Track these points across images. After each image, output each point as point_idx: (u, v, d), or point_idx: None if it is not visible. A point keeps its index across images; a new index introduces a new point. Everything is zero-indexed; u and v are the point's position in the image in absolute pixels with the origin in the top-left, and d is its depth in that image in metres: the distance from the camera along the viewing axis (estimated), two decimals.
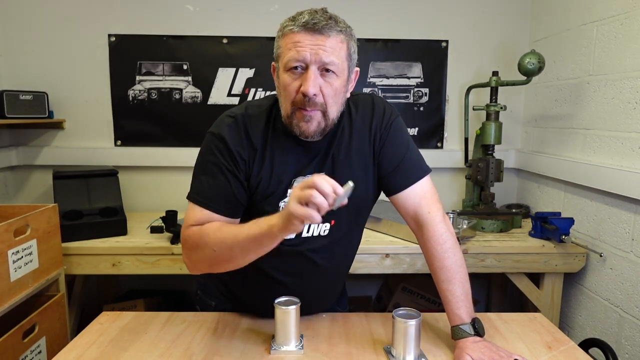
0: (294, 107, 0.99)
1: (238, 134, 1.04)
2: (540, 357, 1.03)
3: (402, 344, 0.98)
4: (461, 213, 2.00)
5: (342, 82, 1.00)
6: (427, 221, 1.10)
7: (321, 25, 0.95)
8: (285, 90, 0.99)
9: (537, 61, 1.89)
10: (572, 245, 1.81)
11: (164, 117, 2.31)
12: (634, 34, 1.60)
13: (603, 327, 1.75)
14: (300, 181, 1.04)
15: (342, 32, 0.98)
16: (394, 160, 1.10)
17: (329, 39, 0.96)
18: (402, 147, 1.12)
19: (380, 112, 1.11)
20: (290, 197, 0.88)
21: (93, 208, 1.90)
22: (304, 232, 1.08)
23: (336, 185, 0.83)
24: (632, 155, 1.61)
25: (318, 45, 0.95)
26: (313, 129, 0.99)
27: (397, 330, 0.99)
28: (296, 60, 0.96)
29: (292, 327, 1.02)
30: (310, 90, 0.95)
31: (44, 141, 2.32)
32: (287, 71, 0.98)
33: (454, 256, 1.09)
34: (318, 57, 0.95)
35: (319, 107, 0.98)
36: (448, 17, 2.32)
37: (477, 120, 2.28)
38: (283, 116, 1.02)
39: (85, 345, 1.06)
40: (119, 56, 2.27)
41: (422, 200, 1.11)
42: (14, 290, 1.43)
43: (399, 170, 1.11)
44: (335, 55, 0.96)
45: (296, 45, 0.96)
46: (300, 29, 0.96)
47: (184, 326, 1.15)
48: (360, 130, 1.10)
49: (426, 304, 2.26)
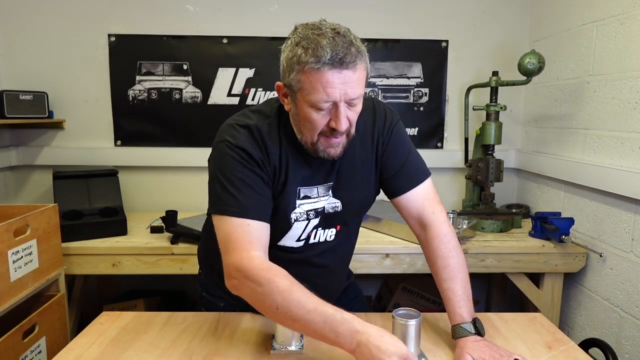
0: (319, 136, 0.99)
1: (257, 145, 1.02)
2: (540, 357, 1.03)
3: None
4: (461, 213, 2.00)
5: (361, 103, 1.00)
6: (432, 221, 1.13)
7: (347, 60, 0.90)
8: (312, 124, 0.97)
9: (537, 61, 1.89)
10: (572, 245, 1.81)
11: (164, 117, 2.31)
12: (634, 34, 1.60)
13: (603, 327, 1.75)
14: (305, 191, 1.07)
15: (361, 55, 0.94)
16: (396, 164, 1.13)
17: (356, 72, 0.93)
18: (404, 150, 1.14)
19: (382, 117, 1.13)
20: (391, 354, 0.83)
21: (93, 208, 1.90)
22: (310, 239, 1.11)
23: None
24: (632, 155, 1.61)
25: (346, 84, 0.92)
26: (340, 151, 1.02)
27: (396, 330, 0.99)
28: (326, 102, 0.93)
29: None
30: (343, 127, 0.96)
31: (44, 141, 2.32)
32: (312, 107, 0.95)
33: (457, 256, 1.11)
34: (346, 94, 0.93)
35: (345, 133, 0.99)
36: (448, 17, 2.32)
37: (477, 120, 2.28)
38: (303, 141, 1.01)
39: (85, 345, 1.06)
40: (119, 56, 2.27)
41: (425, 201, 1.14)
42: (14, 290, 1.43)
43: (401, 174, 1.13)
44: (360, 86, 0.96)
45: (325, 85, 0.91)
46: (327, 68, 0.90)
47: (184, 326, 1.15)
48: (362, 135, 1.10)
49: (426, 304, 2.26)
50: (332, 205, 1.10)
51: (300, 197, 1.07)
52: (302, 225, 1.09)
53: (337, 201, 1.10)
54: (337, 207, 1.10)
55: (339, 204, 1.11)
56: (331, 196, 1.09)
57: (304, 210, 1.08)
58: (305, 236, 1.11)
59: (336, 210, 1.11)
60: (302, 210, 1.08)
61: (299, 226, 1.09)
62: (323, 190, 1.09)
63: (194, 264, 1.80)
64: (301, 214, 1.08)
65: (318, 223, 1.11)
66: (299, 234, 1.10)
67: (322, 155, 1.01)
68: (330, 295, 1.20)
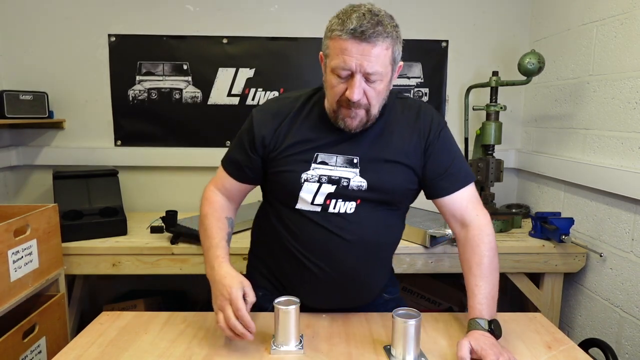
0: (339, 104, 1.07)
1: (265, 119, 1.17)
2: (540, 357, 1.03)
3: (401, 343, 0.98)
4: None
5: (385, 84, 1.05)
6: (475, 222, 1.16)
7: (368, 34, 0.98)
8: (332, 90, 1.06)
9: (537, 61, 1.89)
10: (572, 245, 1.81)
11: (164, 117, 2.31)
12: (634, 34, 1.60)
13: (603, 327, 1.75)
14: (323, 157, 1.13)
15: (389, 37, 1.01)
16: (441, 166, 1.16)
17: (375, 48, 0.99)
18: (450, 154, 1.17)
19: (429, 118, 1.17)
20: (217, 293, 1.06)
21: (93, 208, 1.90)
22: (329, 208, 1.12)
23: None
24: (632, 155, 1.61)
25: (364, 56, 0.99)
26: (356, 124, 1.08)
27: (396, 330, 0.99)
28: (342, 68, 1.01)
29: (292, 327, 1.02)
30: (355, 98, 1.02)
31: (44, 141, 2.32)
32: (333, 73, 1.04)
33: (493, 258, 1.14)
34: (363, 67, 1.00)
35: (362, 107, 1.06)
36: (448, 17, 2.32)
37: (477, 120, 2.28)
38: (327, 109, 1.11)
39: (85, 345, 1.06)
40: (119, 56, 2.27)
41: (469, 204, 1.17)
42: (14, 290, 1.43)
43: (446, 175, 1.16)
44: (379, 64, 1.01)
45: (343, 53, 1.00)
46: (347, 36, 0.99)
47: (184, 326, 1.15)
48: (402, 127, 1.15)
49: (426, 304, 2.26)
50: (357, 184, 1.12)
51: (317, 161, 1.13)
52: (313, 187, 1.12)
53: (363, 180, 1.12)
54: (362, 186, 1.12)
55: (364, 183, 1.12)
56: (358, 175, 1.12)
57: (317, 174, 1.12)
58: (321, 202, 1.12)
59: (361, 189, 1.12)
60: (315, 173, 1.12)
61: (309, 187, 1.12)
62: (342, 161, 1.13)
63: (194, 263, 1.80)
64: (312, 176, 1.12)
65: (334, 193, 1.12)
66: (310, 195, 1.12)
67: (341, 124, 1.09)
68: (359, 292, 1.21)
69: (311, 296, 1.18)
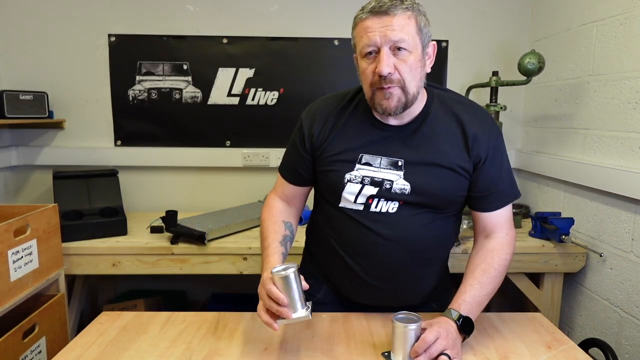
0: (373, 88, 1.05)
1: (313, 116, 1.18)
2: (540, 357, 1.03)
3: (402, 349, 0.96)
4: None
5: (416, 57, 1.03)
6: (501, 238, 1.17)
7: (386, 6, 1.00)
8: (364, 75, 1.06)
9: (537, 61, 1.89)
10: (572, 245, 1.81)
11: (164, 117, 2.31)
12: (634, 34, 1.60)
13: (603, 327, 1.75)
14: (368, 158, 1.12)
15: (409, 9, 1.01)
16: (490, 183, 1.13)
17: (395, 17, 1.00)
18: (500, 170, 1.15)
19: (486, 130, 1.13)
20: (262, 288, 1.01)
21: (93, 208, 1.90)
22: (372, 207, 1.12)
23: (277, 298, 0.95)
24: (632, 155, 1.61)
25: (386, 27, 1.00)
26: (394, 104, 1.05)
27: (397, 335, 0.96)
28: (368, 45, 1.02)
29: (294, 292, 0.96)
30: (385, 70, 1.00)
31: (44, 141, 2.32)
32: (363, 58, 1.05)
33: (500, 275, 1.14)
34: (387, 37, 1.00)
35: (396, 84, 1.03)
36: (448, 17, 2.32)
37: None
38: (367, 100, 1.10)
39: (85, 345, 1.06)
40: (119, 56, 2.27)
41: (505, 222, 1.17)
42: (14, 290, 1.43)
43: (491, 194, 1.14)
44: (404, 32, 1.00)
45: (367, 31, 1.02)
46: (367, 14, 1.02)
47: (184, 326, 1.15)
48: (455, 136, 1.11)
49: None
50: (400, 187, 1.10)
51: (362, 162, 1.12)
52: (356, 188, 1.12)
53: (406, 184, 1.10)
54: (405, 189, 1.10)
55: (407, 187, 1.10)
56: (402, 177, 1.10)
57: (360, 175, 1.12)
58: (363, 200, 1.12)
59: (404, 192, 1.10)
60: (359, 174, 1.12)
61: (352, 187, 1.12)
62: (386, 163, 1.11)
63: (194, 263, 1.80)
64: (356, 177, 1.12)
65: (376, 194, 1.11)
66: (353, 195, 1.12)
67: (379, 109, 1.07)
68: (399, 293, 1.19)
69: (353, 292, 1.21)
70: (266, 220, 1.21)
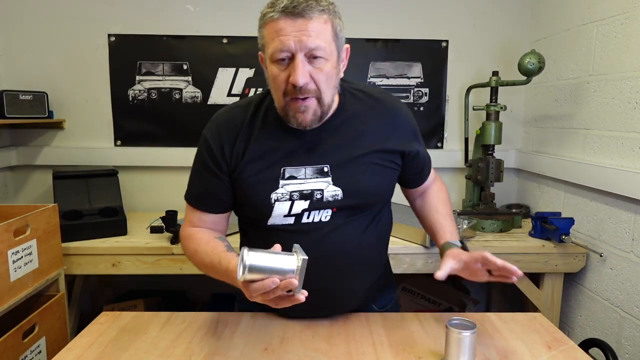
0: (286, 97, 0.97)
1: (220, 133, 1.07)
2: (540, 357, 1.03)
3: (456, 356, 0.94)
4: (461, 213, 2.00)
5: (332, 65, 0.97)
6: (434, 185, 1.28)
7: (301, 7, 0.90)
8: (275, 82, 0.97)
9: (537, 61, 1.89)
10: (572, 245, 1.81)
11: (164, 117, 2.31)
12: (634, 34, 1.60)
13: (603, 327, 1.75)
14: (291, 171, 1.04)
15: (325, 12, 0.93)
16: (418, 166, 1.19)
17: (312, 21, 0.91)
18: (422, 148, 1.18)
19: (405, 116, 1.14)
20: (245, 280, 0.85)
21: (93, 208, 1.90)
22: (303, 218, 1.06)
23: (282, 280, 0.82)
24: (632, 155, 1.61)
25: (301, 31, 0.91)
26: (310, 118, 0.99)
27: (451, 341, 0.94)
28: (281, 50, 0.92)
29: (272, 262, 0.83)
30: (300, 80, 0.92)
31: (44, 141, 2.32)
32: (273, 62, 0.95)
33: (446, 203, 1.24)
34: (303, 44, 0.91)
35: (312, 94, 0.96)
36: (448, 17, 2.32)
37: (477, 120, 2.28)
38: (277, 108, 1.01)
39: (85, 345, 1.06)
40: (119, 56, 2.27)
41: (429, 182, 1.27)
42: (14, 290, 1.43)
43: (423, 172, 1.22)
44: (320, 39, 0.92)
45: (279, 33, 0.92)
46: (280, 14, 0.91)
47: (184, 326, 1.15)
48: (373, 127, 1.08)
49: (426, 304, 2.26)
50: (332, 194, 1.04)
51: (286, 177, 1.04)
52: (285, 206, 1.04)
53: (337, 189, 1.04)
54: (337, 195, 1.04)
55: (339, 192, 1.04)
56: (331, 184, 1.05)
57: (287, 191, 1.04)
58: (293, 214, 1.05)
59: (336, 198, 1.05)
60: (285, 191, 1.04)
61: (281, 207, 1.04)
62: (312, 172, 1.04)
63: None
64: (283, 195, 1.04)
65: (308, 207, 1.05)
66: (283, 214, 1.05)
67: (293, 122, 1.00)
68: (333, 289, 1.11)
69: (287, 309, 1.06)
70: (199, 250, 1.05)
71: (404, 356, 1.02)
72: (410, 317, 1.19)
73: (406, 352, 1.03)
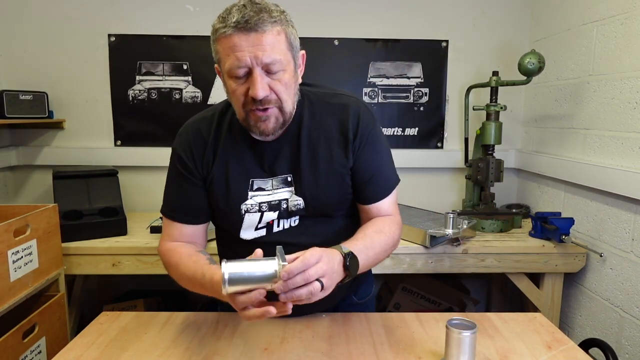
0: (245, 109, 0.97)
1: (189, 142, 1.08)
2: (540, 357, 1.03)
3: (456, 356, 0.94)
4: (461, 213, 2.00)
5: (290, 74, 0.97)
6: (389, 216, 1.13)
7: (253, 21, 0.90)
8: (234, 96, 0.97)
9: (537, 61, 1.89)
10: (572, 245, 1.81)
11: (164, 117, 2.31)
12: (634, 34, 1.60)
13: (603, 327, 1.75)
14: (259, 183, 1.06)
15: (277, 22, 0.94)
16: (368, 171, 1.09)
17: (265, 34, 0.91)
18: (378, 157, 1.10)
19: (356, 116, 1.07)
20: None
21: (93, 208, 1.90)
22: (274, 228, 1.08)
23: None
24: (632, 155, 1.61)
25: (256, 46, 0.91)
26: (272, 126, 0.99)
27: (451, 341, 0.93)
28: (237, 67, 0.93)
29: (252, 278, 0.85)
30: (260, 94, 0.93)
31: (44, 141, 2.32)
32: (231, 77, 0.95)
33: (390, 234, 1.07)
34: (259, 59, 0.91)
35: (274, 104, 0.96)
36: (448, 17, 2.32)
37: (477, 120, 2.28)
38: (239, 119, 1.02)
39: (85, 345, 1.06)
40: (119, 56, 2.27)
41: (389, 208, 1.13)
42: (14, 290, 1.43)
43: (372, 182, 1.10)
44: (276, 51, 0.93)
45: (234, 49, 0.92)
46: (232, 30, 0.91)
47: (183, 326, 1.15)
48: (328, 131, 1.07)
49: (426, 304, 2.26)
50: (294, 204, 1.07)
51: (254, 188, 1.06)
52: (255, 217, 1.07)
53: (299, 199, 1.07)
54: (299, 204, 1.07)
55: (301, 202, 1.07)
56: (294, 193, 1.07)
57: (256, 202, 1.06)
58: (264, 225, 1.08)
59: (299, 208, 1.07)
60: (254, 202, 1.06)
61: (251, 217, 1.07)
62: (278, 182, 1.07)
63: None
64: (252, 206, 1.06)
65: (277, 217, 1.08)
66: (253, 225, 1.08)
67: (255, 132, 1.00)
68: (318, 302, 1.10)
69: None
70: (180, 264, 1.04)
71: (404, 356, 1.02)
72: (410, 317, 1.19)
73: (406, 352, 1.03)
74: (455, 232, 1.77)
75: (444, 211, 1.86)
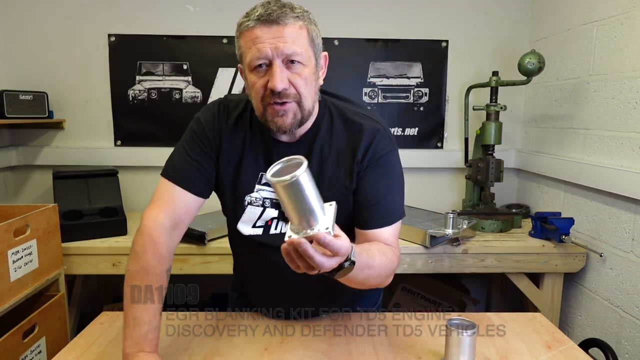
0: (264, 103, 0.96)
1: (213, 116, 1.07)
2: (540, 357, 1.03)
3: (456, 356, 0.94)
4: (461, 213, 2.00)
5: (310, 70, 0.97)
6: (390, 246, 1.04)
7: (276, 15, 0.91)
8: (253, 90, 0.96)
9: (537, 61, 1.89)
10: (572, 245, 1.81)
11: (164, 117, 2.31)
12: (634, 34, 1.60)
13: (603, 327, 1.75)
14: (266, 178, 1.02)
15: (300, 18, 0.94)
16: (371, 197, 1.04)
17: (287, 27, 0.92)
18: (386, 184, 1.04)
19: (368, 142, 1.03)
20: None
21: (93, 208, 1.90)
22: (271, 229, 1.07)
23: None
24: (632, 155, 1.61)
25: (277, 38, 0.91)
26: (289, 121, 0.97)
27: (451, 341, 0.93)
28: (258, 58, 0.92)
29: (306, 201, 0.75)
30: (279, 85, 0.92)
31: (44, 141, 2.32)
32: (252, 71, 0.95)
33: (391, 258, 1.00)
34: (279, 50, 0.91)
35: (292, 99, 0.95)
36: (448, 17, 2.32)
37: (477, 120, 2.28)
38: (259, 117, 1.00)
39: (85, 345, 1.06)
40: (119, 56, 2.27)
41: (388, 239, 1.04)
42: (14, 290, 1.43)
43: (372, 209, 1.04)
44: (297, 44, 0.93)
45: (255, 42, 0.92)
46: (255, 23, 0.92)
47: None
48: (339, 148, 1.04)
49: (426, 304, 2.26)
50: None
51: (262, 182, 1.06)
52: (257, 211, 1.06)
53: None
54: None
55: None
56: None
57: (260, 196, 1.06)
58: (262, 224, 1.07)
59: None
60: (259, 196, 1.06)
61: (253, 211, 1.06)
62: None
63: (194, 264, 1.80)
64: (257, 199, 1.06)
65: (278, 215, 1.07)
66: (253, 219, 1.07)
67: (273, 127, 0.98)
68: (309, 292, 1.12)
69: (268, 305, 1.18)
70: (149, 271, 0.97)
71: (404, 356, 1.02)
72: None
73: (406, 352, 1.04)
74: (455, 232, 1.77)
75: (444, 211, 1.86)
